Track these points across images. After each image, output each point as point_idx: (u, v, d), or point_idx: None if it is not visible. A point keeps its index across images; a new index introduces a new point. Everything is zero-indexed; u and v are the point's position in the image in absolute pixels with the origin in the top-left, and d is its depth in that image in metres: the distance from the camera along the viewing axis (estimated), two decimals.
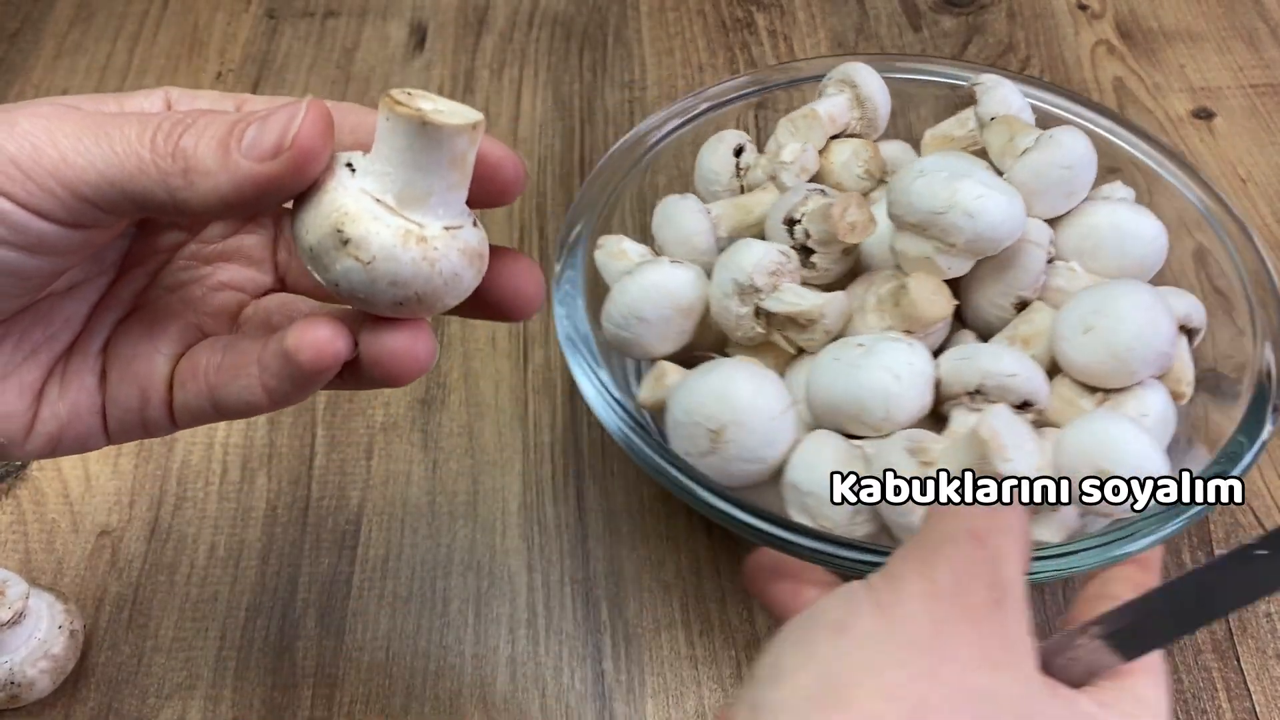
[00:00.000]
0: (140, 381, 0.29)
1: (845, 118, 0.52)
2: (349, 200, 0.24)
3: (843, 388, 0.41)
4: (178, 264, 0.30)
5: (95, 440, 0.29)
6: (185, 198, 0.24)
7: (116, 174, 0.24)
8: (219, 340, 0.29)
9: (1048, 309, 0.45)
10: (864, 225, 0.44)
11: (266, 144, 0.24)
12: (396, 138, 0.24)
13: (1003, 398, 0.41)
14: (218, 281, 0.30)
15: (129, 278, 0.30)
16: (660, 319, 0.45)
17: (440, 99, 0.25)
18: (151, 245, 0.30)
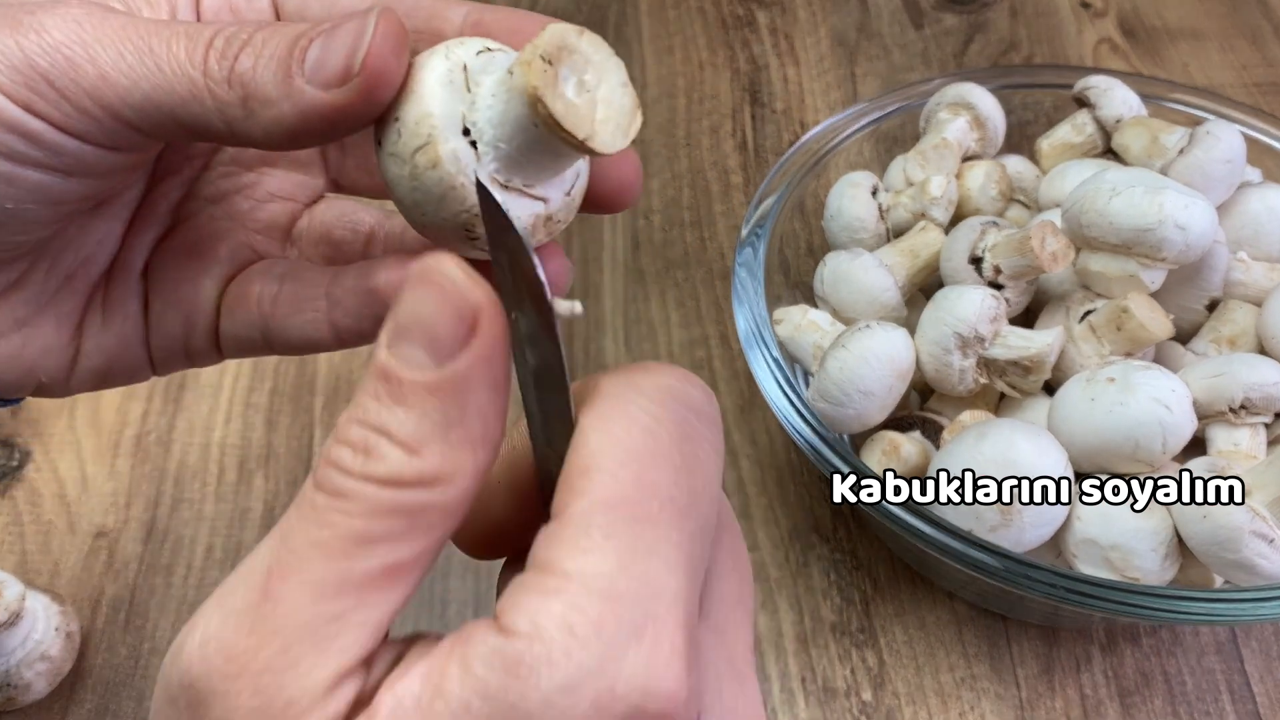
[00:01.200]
0: (185, 307, 0.26)
1: (967, 141, 0.51)
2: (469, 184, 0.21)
3: (1112, 427, 0.39)
4: (216, 171, 0.27)
5: (142, 372, 0.26)
6: (246, 129, 0.21)
7: (165, 98, 0.21)
8: (275, 265, 0.26)
9: (1247, 305, 0.45)
10: (1064, 253, 0.43)
11: (333, 67, 0.20)
12: (526, 125, 0.21)
13: (1269, 409, 0.40)
14: (265, 192, 0.27)
15: (163, 188, 0.27)
16: (884, 388, 0.42)
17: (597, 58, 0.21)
18: (184, 150, 0.27)
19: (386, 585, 0.18)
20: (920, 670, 0.44)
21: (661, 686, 0.17)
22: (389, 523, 0.18)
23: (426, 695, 0.17)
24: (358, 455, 0.18)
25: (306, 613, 0.18)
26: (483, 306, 0.18)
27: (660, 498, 0.19)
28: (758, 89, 0.68)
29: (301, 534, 0.18)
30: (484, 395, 0.19)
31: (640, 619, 0.17)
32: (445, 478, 0.18)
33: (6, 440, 0.53)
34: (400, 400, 0.18)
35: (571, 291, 0.58)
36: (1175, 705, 0.43)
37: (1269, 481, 0.38)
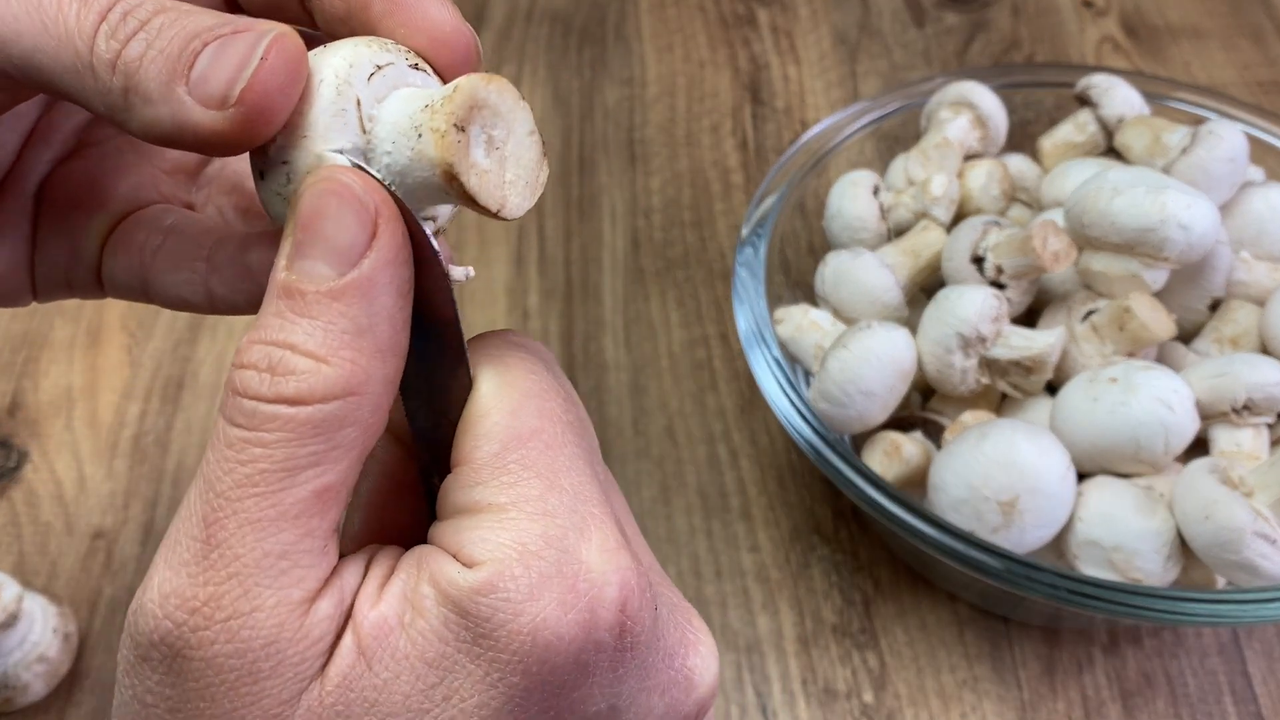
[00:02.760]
0: (73, 236, 0.24)
1: (969, 140, 0.51)
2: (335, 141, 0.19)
3: (1115, 428, 0.39)
4: None
5: (23, 296, 0.25)
6: (124, 120, 0.19)
7: (46, 62, 0.19)
8: (166, 214, 0.25)
9: (1250, 305, 0.45)
10: (1066, 253, 0.42)
11: (214, 86, 0.18)
12: (431, 185, 0.19)
13: (1272, 409, 0.40)
14: None
15: (68, 106, 0.25)
16: (885, 389, 0.42)
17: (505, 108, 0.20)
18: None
19: (321, 509, 0.18)
20: (922, 672, 0.44)
21: (616, 573, 0.19)
22: (310, 446, 0.18)
23: (408, 616, 0.18)
24: (264, 375, 0.18)
25: (255, 553, 0.18)
26: (381, 209, 0.19)
27: (560, 422, 0.20)
28: (758, 87, 0.68)
29: (226, 475, 0.18)
30: (390, 299, 0.19)
31: (580, 523, 0.19)
32: (358, 387, 0.18)
33: (4, 441, 0.52)
34: (305, 312, 0.18)
35: (571, 291, 0.58)
36: (1178, 707, 0.43)
37: (1271, 482, 0.38)
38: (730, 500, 0.50)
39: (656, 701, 0.20)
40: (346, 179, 0.19)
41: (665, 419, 0.52)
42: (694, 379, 0.54)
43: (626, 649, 0.19)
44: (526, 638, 0.18)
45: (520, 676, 0.18)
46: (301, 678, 0.18)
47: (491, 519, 0.19)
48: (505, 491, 0.19)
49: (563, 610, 0.18)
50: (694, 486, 0.50)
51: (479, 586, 0.18)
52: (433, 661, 0.18)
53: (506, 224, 0.61)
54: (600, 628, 0.19)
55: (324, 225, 0.18)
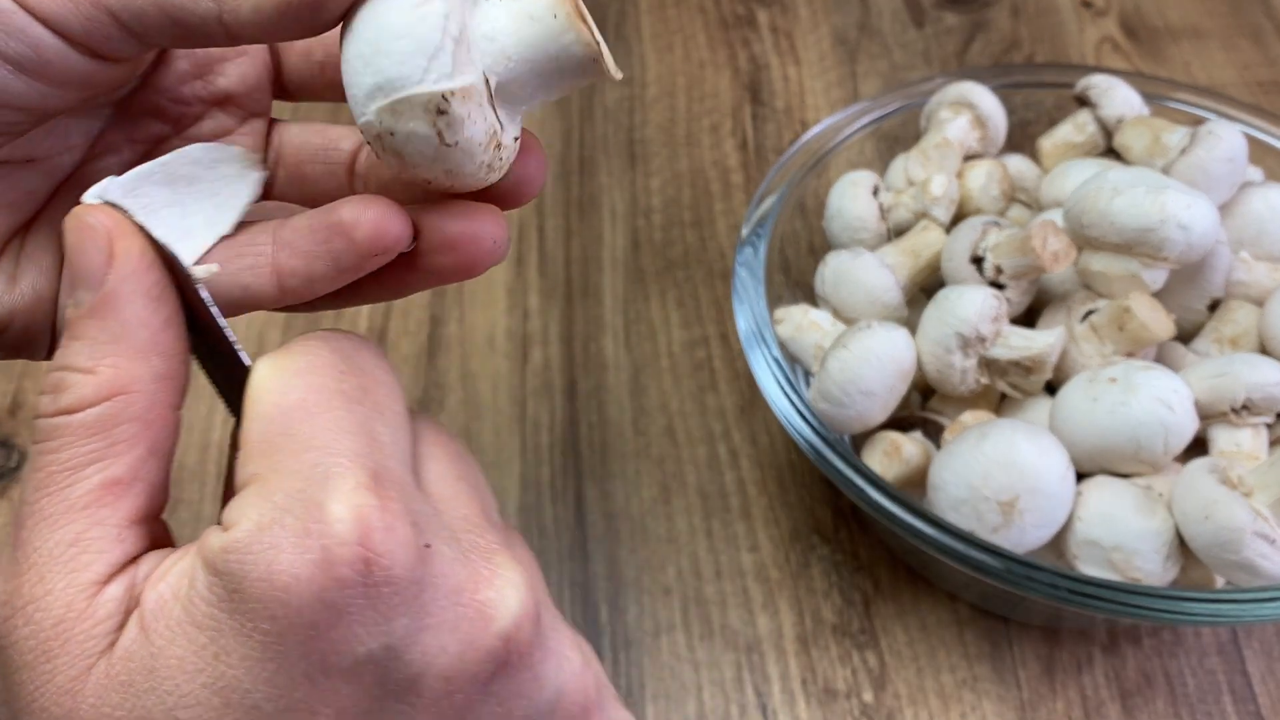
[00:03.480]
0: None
1: (969, 140, 0.51)
2: (467, 71, 0.21)
3: (1114, 428, 0.39)
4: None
5: (41, 343, 0.26)
6: (234, 7, 0.21)
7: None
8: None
9: (1249, 305, 0.45)
10: (1065, 252, 0.42)
11: None
12: (546, 40, 0.21)
13: (1271, 409, 0.40)
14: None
15: (98, 165, 0.26)
16: (885, 389, 0.42)
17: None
18: (129, 132, 0.26)
19: (112, 499, 0.21)
20: (921, 671, 0.44)
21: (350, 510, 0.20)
22: (90, 444, 0.21)
23: (182, 588, 0.20)
24: (50, 396, 0.21)
25: (47, 543, 0.20)
26: (111, 231, 0.21)
27: (327, 391, 0.21)
28: (758, 88, 0.68)
29: (29, 486, 0.21)
30: (139, 305, 0.21)
31: (323, 474, 0.20)
32: (124, 386, 0.21)
33: (4, 440, 0.52)
34: (74, 335, 0.21)
35: (571, 291, 0.58)
36: (1177, 706, 0.43)
37: (1271, 482, 0.38)
38: (730, 500, 0.50)
39: (447, 638, 0.21)
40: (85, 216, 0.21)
41: (665, 419, 0.52)
42: (694, 379, 0.54)
43: (379, 584, 0.20)
44: (264, 583, 0.19)
45: (269, 622, 0.19)
46: (89, 654, 0.20)
47: (251, 488, 0.20)
48: (264, 461, 0.21)
49: (297, 552, 0.19)
50: (694, 486, 0.50)
51: (226, 545, 0.20)
52: (200, 624, 0.20)
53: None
54: (339, 563, 0.19)
55: (74, 259, 0.21)
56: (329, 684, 0.20)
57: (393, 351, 0.56)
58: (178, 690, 0.20)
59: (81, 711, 0.20)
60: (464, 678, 0.21)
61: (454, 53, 0.20)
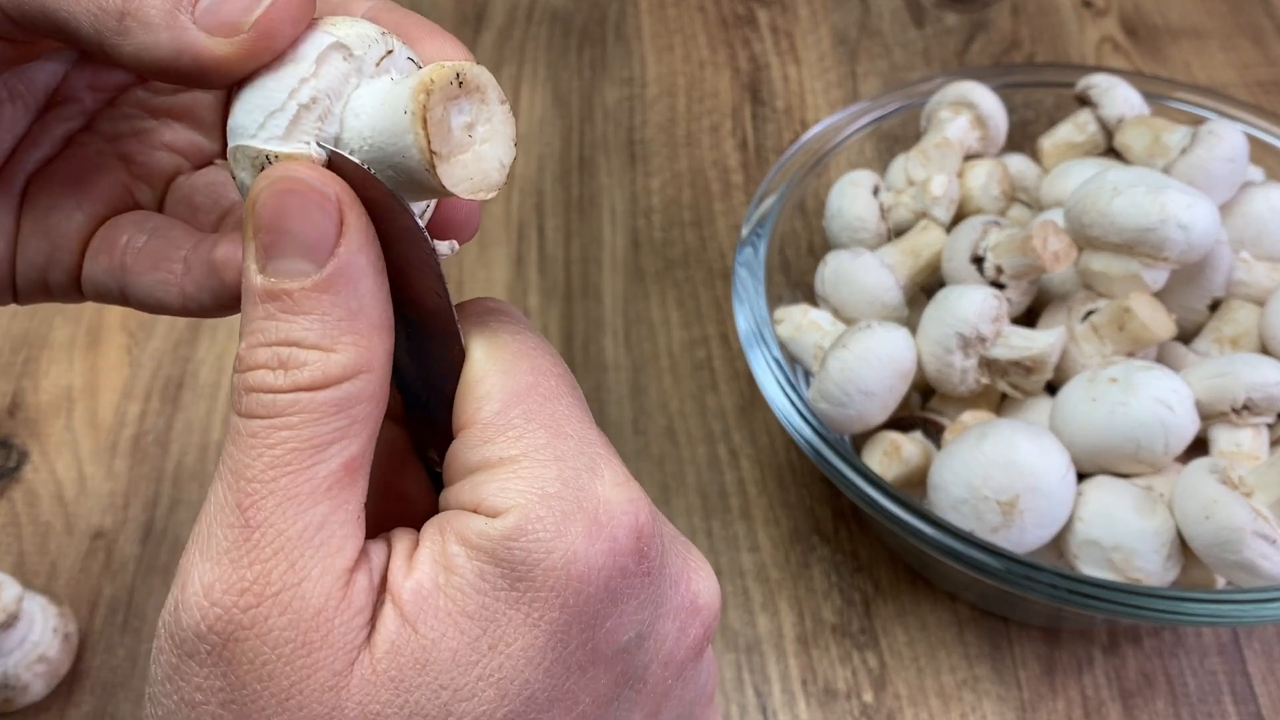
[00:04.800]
0: (53, 235, 0.25)
1: (969, 140, 0.51)
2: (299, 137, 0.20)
3: (1114, 428, 0.39)
4: (120, 109, 0.26)
5: (3, 294, 0.25)
6: (116, 44, 0.20)
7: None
8: (148, 218, 0.25)
9: (1249, 305, 0.45)
10: (1066, 252, 0.42)
11: (225, 15, 0.19)
12: (394, 133, 0.20)
13: (1272, 409, 0.40)
14: (159, 140, 0.27)
15: (63, 112, 0.26)
16: (885, 389, 0.42)
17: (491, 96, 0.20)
18: (92, 79, 0.26)
19: (350, 481, 0.19)
20: (922, 672, 0.44)
21: (630, 502, 0.20)
22: (333, 423, 0.19)
23: (443, 577, 0.19)
24: (277, 372, 0.19)
25: (294, 528, 0.18)
26: (343, 197, 0.19)
27: (553, 376, 0.21)
28: (758, 88, 0.68)
29: (255, 461, 0.19)
30: (372, 279, 0.20)
31: (590, 463, 0.20)
32: (365, 365, 0.19)
33: (4, 440, 0.52)
34: (297, 310, 0.19)
35: (571, 291, 0.58)
36: (1177, 707, 0.43)
37: (1271, 482, 0.38)
38: (730, 500, 0.50)
39: (670, 626, 0.21)
40: (301, 173, 0.19)
41: (665, 419, 0.52)
42: (694, 379, 0.54)
43: (646, 574, 0.20)
44: (560, 572, 0.19)
45: (559, 611, 0.19)
46: (350, 647, 0.18)
47: (506, 470, 0.20)
48: (514, 444, 0.20)
49: (589, 541, 0.19)
50: (694, 486, 0.50)
51: (508, 532, 0.19)
52: (474, 614, 0.19)
53: (506, 224, 0.61)
54: (623, 554, 0.20)
55: (290, 223, 0.19)
56: (594, 672, 0.20)
57: None
58: (452, 684, 0.19)
59: (347, 710, 0.18)
60: (675, 664, 0.22)
61: (295, 116, 0.20)
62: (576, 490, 0.20)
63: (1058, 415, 0.42)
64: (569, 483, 0.20)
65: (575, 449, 0.20)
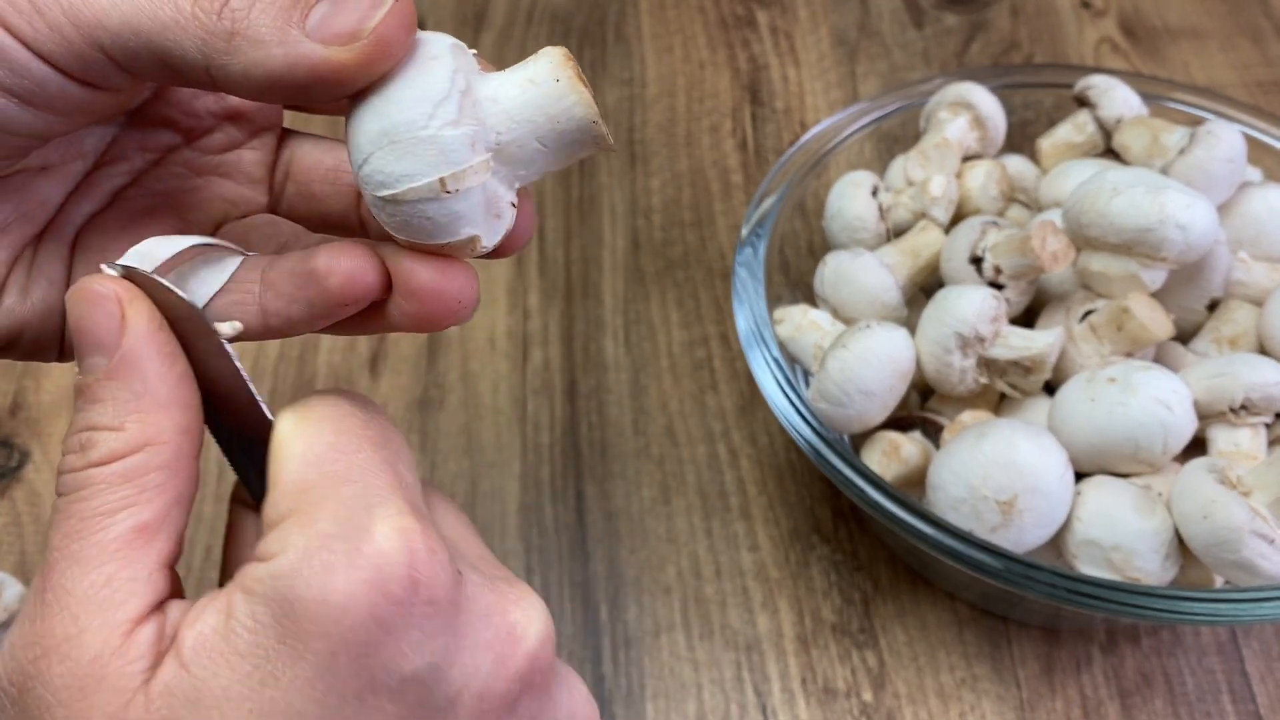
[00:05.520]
0: None
1: (968, 140, 0.51)
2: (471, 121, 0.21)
3: (1113, 428, 0.39)
4: (168, 168, 0.27)
5: (50, 350, 0.26)
6: (225, 64, 0.21)
7: (146, 24, 0.20)
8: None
9: (1248, 305, 0.45)
10: (1064, 253, 0.43)
11: (340, 26, 0.20)
12: (548, 102, 0.22)
13: (1270, 409, 0.40)
14: (206, 196, 0.28)
15: (110, 171, 0.26)
16: (884, 388, 0.42)
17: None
18: (140, 141, 0.27)
19: (142, 544, 0.21)
20: (921, 671, 0.44)
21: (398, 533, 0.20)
22: (119, 492, 0.21)
23: (220, 622, 0.20)
24: (76, 453, 0.22)
25: (79, 586, 0.20)
26: (122, 296, 0.22)
27: (355, 436, 0.22)
28: (758, 88, 0.68)
29: (57, 534, 0.21)
30: (156, 363, 0.22)
31: (367, 504, 0.21)
32: (152, 438, 0.22)
33: (5, 440, 0.52)
34: (95, 398, 0.22)
35: (571, 291, 0.58)
36: (1176, 706, 0.43)
37: (1270, 482, 0.38)
38: (730, 500, 0.50)
39: (481, 657, 0.22)
40: (88, 283, 0.22)
41: (665, 419, 0.52)
42: (694, 379, 0.54)
43: (425, 603, 0.20)
44: (319, 604, 0.20)
45: (322, 641, 0.20)
46: (126, 689, 0.20)
47: (291, 520, 0.21)
48: (301, 498, 0.21)
49: (350, 572, 0.20)
50: (694, 486, 0.50)
51: (275, 571, 0.20)
52: (244, 652, 0.20)
53: None
54: (390, 581, 0.20)
55: (85, 326, 0.22)
56: (376, 702, 0.20)
57: (393, 351, 0.56)
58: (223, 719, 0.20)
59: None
60: (494, 696, 0.22)
61: (460, 103, 0.21)
62: (346, 527, 0.20)
63: (1056, 415, 0.42)
64: (339, 521, 0.20)
65: (355, 492, 0.21)
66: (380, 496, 0.21)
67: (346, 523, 0.20)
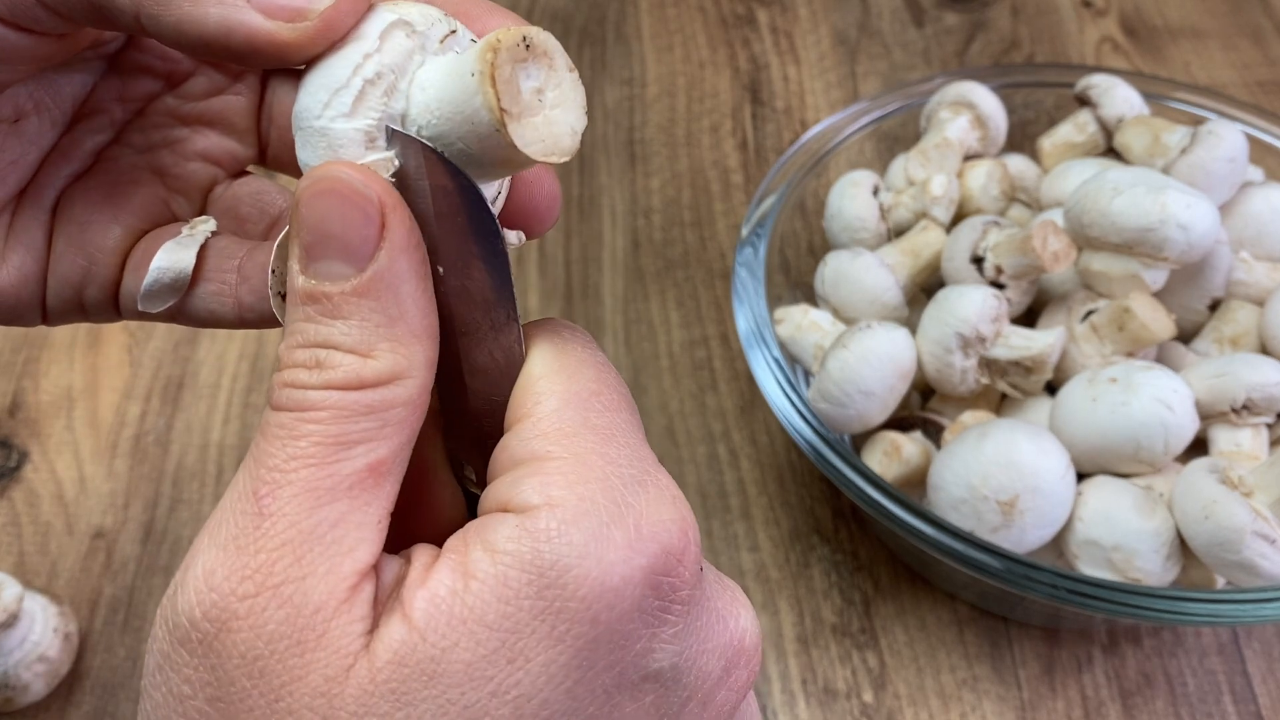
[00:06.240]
0: (88, 250, 0.24)
1: (969, 140, 0.51)
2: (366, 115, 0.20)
3: (1114, 428, 0.39)
4: (150, 119, 0.26)
5: (32, 315, 0.25)
6: (156, 15, 0.19)
7: None
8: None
9: (1249, 305, 0.45)
10: (1066, 252, 0.43)
11: (285, 1, 0.19)
12: (462, 98, 0.19)
13: (1271, 409, 0.40)
14: (193, 151, 0.26)
15: (91, 124, 0.25)
16: (885, 388, 0.42)
17: (558, 62, 0.20)
18: (120, 90, 0.25)
19: (374, 484, 0.18)
20: (921, 671, 0.44)
21: (677, 521, 0.18)
22: (362, 423, 0.18)
23: (459, 584, 0.17)
24: (312, 371, 0.18)
25: (307, 521, 0.17)
26: (385, 199, 0.19)
27: (616, 391, 0.20)
28: (758, 88, 0.68)
29: (279, 451, 0.18)
30: (414, 285, 0.19)
31: (639, 475, 0.19)
32: (402, 372, 0.19)
33: (4, 440, 0.52)
34: (336, 314, 0.19)
35: (571, 291, 0.58)
36: (1177, 706, 0.43)
37: (1271, 482, 0.38)
38: (730, 500, 0.50)
39: (714, 664, 0.20)
40: (343, 174, 0.19)
41: (665, 419, 0.52)
42: (694, 379, 0.54)
43: (685, 602, 0.19)
44: (595, 582, 0.17)
45: (589, 625, 0.17)
46: (347, 652, 0.17)
47: (550, 466, 0.18)
48: (564, 443, 0.19)
49: (629, 553, 0.18)
50: (694, 486, 0.50)
51: (540, 533, 0.17)
52: (493, 623, 0.17)
53: None
54: (663, 573, 0.18)
55: (330, 225, 0.19)
56: (618, 698, 0.18)
57: None
58: (462, 700, 0.17)
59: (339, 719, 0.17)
60: (715, 705, 0.20)
61: (360, 92, 0.20)
62: (621, 499, 0.18)
63: (1057, 415, 0.42)
64: (614, 490, 0.18)
65: (627, 458, 0.19)
66: (651, 473, 0.19)
67: (620, 494, 0.18)
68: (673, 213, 0.61)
